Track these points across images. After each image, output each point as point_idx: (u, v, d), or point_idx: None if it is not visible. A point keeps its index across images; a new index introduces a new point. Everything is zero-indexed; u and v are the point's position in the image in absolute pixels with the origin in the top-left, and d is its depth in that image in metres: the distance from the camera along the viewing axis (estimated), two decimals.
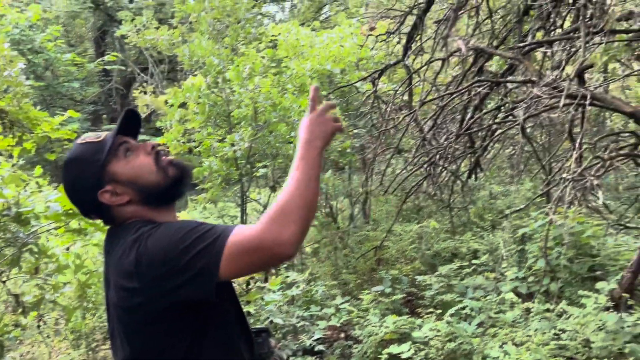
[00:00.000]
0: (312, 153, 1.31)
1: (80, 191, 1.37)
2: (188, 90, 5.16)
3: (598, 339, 3.01)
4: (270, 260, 1.22)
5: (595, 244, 4.72)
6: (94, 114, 17.97)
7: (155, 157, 1.39)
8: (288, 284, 4.31)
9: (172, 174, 1.38)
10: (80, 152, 1.37)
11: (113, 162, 1.35)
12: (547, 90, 3.37)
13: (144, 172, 1.36)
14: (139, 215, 1.37)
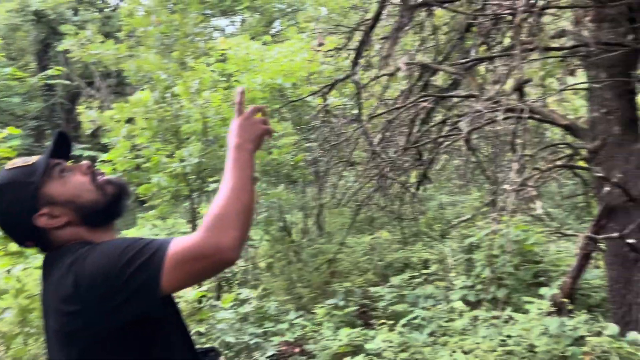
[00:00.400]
0: (243, 156, 1.31)
1: (14, 217, 1.31)
2: (135, 105, 5.06)
3: (542, 343, 3.12)
4: (214, 267, 1.21)
5: (539, 250, 4.92)
6: (37, 130, 17.30)
7: (92, 176, 1.36)
8: (241, 301, 4.27)
9: (110, 192, 1.36)
10: (10, 177, 1.32)
11: (48, 183, 1.31)
12: (488, 104, 3.51)
13: (82, 191, 1.33)
14: (77, 237, 1.32)
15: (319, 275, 5.90)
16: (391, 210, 6.24)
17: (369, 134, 5.10)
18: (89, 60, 5.90)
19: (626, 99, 3.52)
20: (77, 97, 16.56)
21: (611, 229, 3.28)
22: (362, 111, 5.01)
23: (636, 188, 3.20)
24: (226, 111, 5.07)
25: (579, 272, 3.62)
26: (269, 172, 6.68)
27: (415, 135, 4.50)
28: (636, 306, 3.24)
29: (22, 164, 1.33)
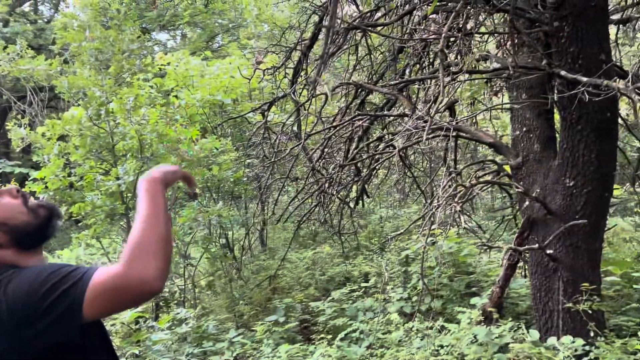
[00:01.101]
0: (153, 186, 1.34)
1: None
2: (67, 122, 4.92)
3: (471, 351, 3.26)
4: (138, 297, 1.21)
5: (471, 261, 5.14)
6: None
7: (23, 199, 1.37)
8: (179, 321, 4.20)
9: (42, 214, 1.37)
10: None
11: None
12: (419, 123, 3.67)
13: (14, 212, 1.33)
14: (3, 260, 1.31)
15: (261, 292, 5.89)
16: (332, 225, 6.33)
17: (308, 151, 5.19)
18: (18, 75, 5.69)
19: (544, 118, 3.78)
20: (7, 112, 15.81)
21: (533, 241, 3.49)
22: (301, 128, 5.09)
23: (554, 202, 3.43)
24: (162, 128, 5.01)
25: (505, 282, 3.81)
26: (209, 188, 6.63)
27: (352, 152, 4.62)
28: (556, 313, 3.46)
29: None
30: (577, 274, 3.37)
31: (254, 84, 6.97)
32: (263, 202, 7.39)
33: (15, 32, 13.77)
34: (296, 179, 7.51)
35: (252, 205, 8.13)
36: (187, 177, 1.52)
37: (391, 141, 4.18)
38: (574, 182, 3.33)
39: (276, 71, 4.81)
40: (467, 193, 3.22)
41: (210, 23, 14.85)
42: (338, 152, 5.39)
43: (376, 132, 5.82)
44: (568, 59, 3.16)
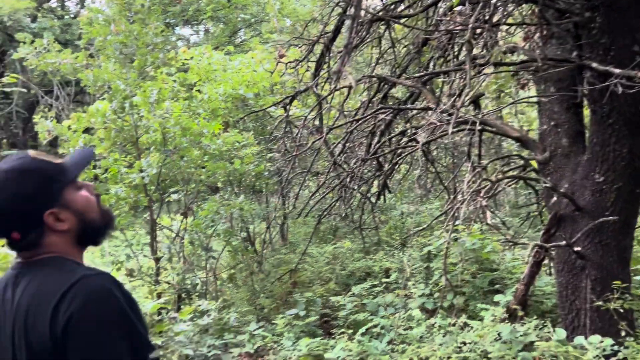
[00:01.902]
0: None
1: (28, 203, 1.29)
2: (92, 115, 4.98)
3: (495, 349, 3.20)
4: None
5: (495, 258, 5.06)
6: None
7: (97, 198, 1.43)
8: (201, 313, 4.22)
9: (107, 218, 1.44)
10: (40, 166, 1.33)
11: (69, 189, 1.35)
12: (443, 116, 3.61)
13: (91, 208, 1.39)
14: (63, 248, 1.33)
15: (281, 286, 5.90)
16: (352, 220, 6.29)
17: (330, 145, 5.15)
18: (45, 69, 5.78)
19: (573, 112, 3.68)
20: (34, 105, 16.13)
21: (560, 237, 3.41)
22: (323, 122, 5.06)
23: (583, 198, 3.34)
24: (186, 121, 5.04)
25: (530, 279, 3.74)
26: (231, 182, 6.65)
27: (375, 146, 4.57)
28: (584, 311, 3.37)
29: (51, 159, 1.37)
30: (606, 272, 3.28)
31: (276, 78, 6.96)
32: (284, 196, 7.39)
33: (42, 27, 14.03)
34: (317, 174, 7.49)
35: (273, 199, 8.14)
36: None
37: (414, 135, 4.12)
38: (604, 178, 3.24)
39: (298, 64, 4.78)
40: (492, 188, 3.15)
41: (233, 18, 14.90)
42: (360, 146, 5.34)
43: (399, 127, 5.77)
44: (599, 50, 3.07)
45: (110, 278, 1.28)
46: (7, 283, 1.33)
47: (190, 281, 4.82)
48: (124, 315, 1.23)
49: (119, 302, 1.23)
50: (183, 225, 5.43)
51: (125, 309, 1.23)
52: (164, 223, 5.76)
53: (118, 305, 1.22)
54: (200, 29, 17.53)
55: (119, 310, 1.22)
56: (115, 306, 1.22)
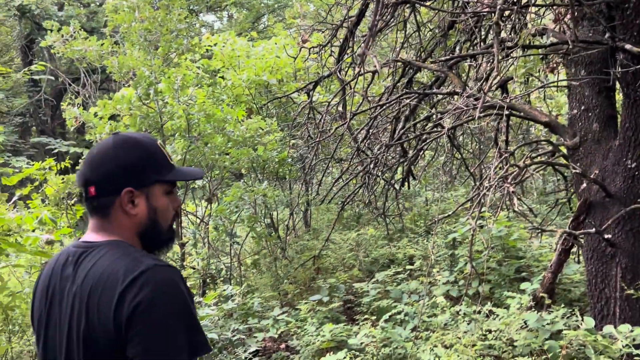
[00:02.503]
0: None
1: (119, 169, 1.34)
2: (118, 102, 5.03)
3: (521, 337, 3.16)
4: None
5: (521, 246, 4.98)
6: (22, 126, 17.11)
7: (175, 216, 1.46)
8: (225, 298, 4.27)
9: (170, 235, 1.45)
10: (154, 153, 1.39)
11: (161, 188, 1.39)
12: (469, 101, 3.54)
13: (165, 216, 1.41)
14: (127, 235, 1.36)
15: (305, 272, 5.92)
16: (376, 207, 6.26)
17: (353, 131, 5.12)
18: (72, 56, 5.86)
19: (605, 96, 3.57)
20: (62, 93, 16.41)
21: (589, 225, 3.32)
22: (346, 108, 5.02)
23: (614, 184, 3.25)
24: (210, 108, 5.05)
25: (558, 267, 3.66)
26: (255, 168, 6.67)
27: (399, 132, 4.52)
28: (613, 300, 3.30)
29: (167, 155, 1.43)
30: (636, 260, 3.19)
31: (299, 63, 6.92)
32: (307, 182, 7.39)
33: (69, 15, 14.21)
34: (340, 160, 7.46)
35: (296, 186, 8.15)
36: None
37: (440, 120, 4.06)
38: (636, 164, 3.14)
39: (322, 49, 4.74)
40: (520, 174, 3.09)
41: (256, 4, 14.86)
42: (384, 132, 5.29)
43: (423, 112, 5.69)
44: (633, 31, 2.96)
45: (177, 272, 1.29)
46: (68, 260, 1.35)
47: (215, 266, 4.87)
48: (188, 310, 1.24)
49: (184, 295, 1.24)
50: (208, 211, 5.48)
51: (188, 304, 1.25)
52: (189, 209, 5.82)
53: (183, 299, 1.24)
54: (223, 15, 17.54)
55: (184, 304, 1.23)
56: (181, 299, 1.23)
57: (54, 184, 4.51)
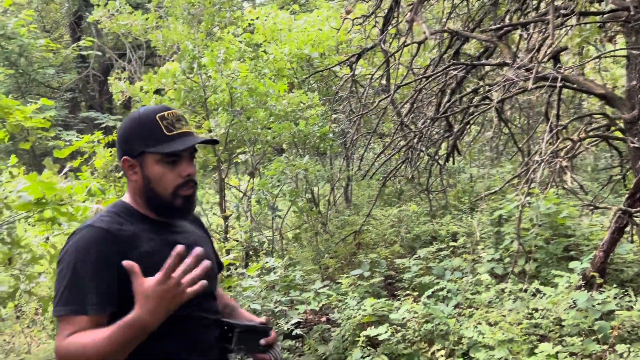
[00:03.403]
0: (129, 334, 1.32)
1: (120, 141, 1.55)
2: (163, 76, 5.08)
3: (569, 317, 3.06)
4: None
5: (570, 224, 4.80)
6: (72, 101, 17.67)
7: (183, 182, 1.52)
8: (267, 270, 4.32)
9: (179, 203, 1.53)
10: (145, 124, 1.51)
11: (154, 157, 1.50)
12: (520, 72, 3.39)
13: (161, 183, 1.51)
14: (133, 198, 1.56)
15: (345, 247, 5.91)
16: (419, 183, 6.16)
17: (397, 104, 5.02)
18: (118, 31, 5.95)
19: None
20: (109, 69, 16.79)
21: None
22: (390, 81, 4.92)
23: None
24: (252, 82, 5.04)
25: (611, 246, 3.52)
26: (296, 143, 6.67)
27: (444, 105, 4.40)
28: None
29: (163, 127, 1.51)
30: None
31: (341, 36, 6.81)
32: (348, 158, 7.33)
33: None
34: (382, 136, 7.36)
35: (337, 161, 8.11)
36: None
37: (488, 93, 3.92)
38: None
39: (365, 20, 4.64)
40: (574, 148, 2.95)
41: None
42: (428, 106, 5.17)
43: (469, 86, 5.51)
44: None
45: (98, 234, 1.44)
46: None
47: (257, 239, 4.93)
48: (77, 267, 1.41)
49: (83, 254, 1.42)
50: (250, 185, 5.53)
51: (79, 262, 1.42)
52: (232, 183, 5.89)
53: (80, 257, 1.42)
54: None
55: (76, 260, 1.42)
56: (77, 256, 1.42)
57: (102, 156, 4.64)
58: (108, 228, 1.45)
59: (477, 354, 3.09)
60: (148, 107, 1.56)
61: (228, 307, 1.78)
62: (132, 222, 1.52)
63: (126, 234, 1.47)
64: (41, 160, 3.41)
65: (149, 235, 1.51)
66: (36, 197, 2.82)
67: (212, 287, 1.61)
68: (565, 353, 2.82)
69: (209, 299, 1.60)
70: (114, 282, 1.42)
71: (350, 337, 3.66)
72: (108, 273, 1.41)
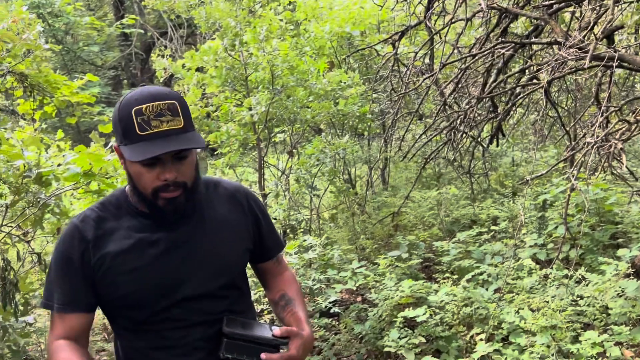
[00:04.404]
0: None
1: (116, 119, 1.38)
2: (205, 53, 5.11)
3: (617, 305, 2.97)
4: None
5: (618, 211, 4.64)
6: (115, 79, 18.06)
7: (162, 186, 1.37)
8: (305, 248, 4.34)
9: (161, 204, 1.39)
10: (123, 118, 1.33)
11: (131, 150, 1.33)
12: (573, 51, 3.25)
13: (139, 181, 1.38)
14: (130, 185, 1.46)
15: (383, 228, 5.88)
16: (461, 165, 6.04)
17: (441, 84, 4.90)
18: (160, 8, 6.00)
19: None
20: (151, 47, 17.03)
21: None
22: (434, 60, 4.81)
23: None
24: (293, 59, 5.01)
25: None
26: (334, 123, 6.63)
27: (490, 85, 4.27)
28: None
29: (137, 122, 1.32)
30: None
31: (383, 14, 6.69)
32: (387, 139, 7.25)
33: None
34: (421, 117, 7.23)
35: (375, 143, 8.03)
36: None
37: (537, 72, 3.77)
38: None
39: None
40: (630, 130, 2.81)
41: None
42: (473, 86, 5.03)
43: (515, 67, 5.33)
44: None
45: (73, 228, 1.45)
46: None
47: (296, 218, 4.95)
48: (53, 263, 1.46)
49: (58, 251, 1.45)
50: (289, 164, 5.54)
51: (54, 258, 1.46)
52: (270, 162, 5.91)
53: (56, 253, 1.46)
54: None
55: (54, 257, 1.46)
56: (55, 253, 1.46)
57: None
58: (78, 224, 1.43)
59: (518, 339, 3.04)
60: (133, 93, 1.35)
61: (284, 298, 1.61)
62: (119, 215, 1.45)
63: (97, 232, 1.42)
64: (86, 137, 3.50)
65: (126, 232, 1.42)
66: (84, 169, 2.89)
67: (213, 285, 1.47)
68: (611, 342, 2.73)
69: (203, 300, 1.46)
70: (77, 283, 1.41)
71: (387, 317, 3.65)
72: (70, 273, 1.41)
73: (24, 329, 3.04)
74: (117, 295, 1.41)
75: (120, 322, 1.48)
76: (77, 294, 1.41)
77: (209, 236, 1.48)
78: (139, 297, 1.40)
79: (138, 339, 1.45)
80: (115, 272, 1.40)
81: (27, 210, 3.20)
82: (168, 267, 1.42)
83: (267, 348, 1.37)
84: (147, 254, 1.41)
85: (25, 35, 4.43)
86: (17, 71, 4.41)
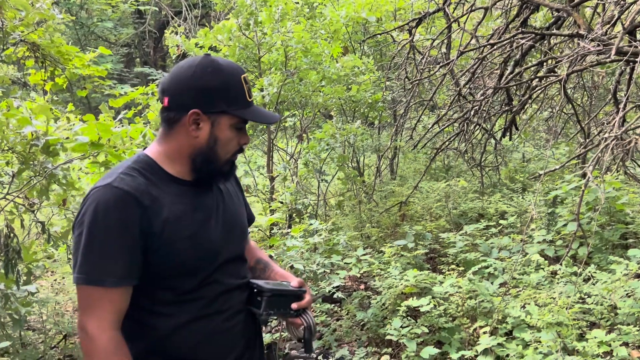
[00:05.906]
0: None
1: (193, 90, 1.37)
2: (219, 31, 5.05)
3: (625, 305, 2.92)
4: None
5: (629, 211, 4.57)
6: (127, 57, 18.01)
7: (238, 151, 1.48)
8: (310, 232, 4.30)
9: (226, 169, 1.48)
10: (231, 83, 1.40)
11: (230, 120, 1.41)
12: (594, 45, 3.17)
13: (225, 148, 1.42)
14: (177, 151, 1.42)
15: (389, 217, 5.84)
16: (472, 157, 5.97)
17: (456, 74, 4.83)
18: None
19: None
20: (165, 26, 16.96)
21: None
22: (450, 49, 4.73)
23: None
24: (307, 42, 4.94)
25: None
26: (345, 110, 6.57)
27: (507, 76, 4.19)
28: None
29: (246, 90, 1.43)
30: None
31: (400, 1, 6.59)
32: (398, 127, 7.18)
33: None
34: (433, 108, 7.15)
35: (385, 132, 7.96)
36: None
37: (557, 65, 3.69)
38: None
39: None
40: None
41: None
42: (489, 77, 4.96)
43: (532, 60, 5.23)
44: None
45: (119, 195, 1.33)
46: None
47: (302, 202, 4.91)
48: (96, 233, 1.33)
49: (102, 219, 1.33)
50: (298, 149, 5.49)
51: (101, 228, 1.33)
52: (279, 145, 5.87)
53: (99, 222, 1.33)
54: None
55: (96, 227, 1.32)
56: (95, 222, 1.33)
57: (156, 109, 4.68)
58: (129, 189, 1.32)
59: (522, 334, 3.00)
60: (226, 60, 1.43)
61: (261, 262, 1.70)
62: (156, 182, 1.39)
63: (149, 197, 1.34)
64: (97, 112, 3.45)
65: (173, 198, 1.39)
66: (92, 140, 2.86)
67: (240, 249, 1.57)
68: (618, 342, 2.69)
69: (236, 262, 1.53)
70: (136, 253, 1.32)
71: (390, 306, 3.62)
72: (130, 241, 1.31)
73: (25, 297, 3.04)
74: (175, 262, 1.36)
75: (160, 296, 1.39)
76: (134, 265, 1.32)
77: (228, 203, 1.55)
78: (196, 263, 1.40)
79: (182, 311, 1.39)
80: (176, 238, 1.36)
81: (32, 180, 3.18)
82: (215, 232, 1.45)
83: (295, 299, 1.52)
84: (196, 220, 1.42)
85: (39, 4, 4.39)
86: (29, 40, 4.37)
